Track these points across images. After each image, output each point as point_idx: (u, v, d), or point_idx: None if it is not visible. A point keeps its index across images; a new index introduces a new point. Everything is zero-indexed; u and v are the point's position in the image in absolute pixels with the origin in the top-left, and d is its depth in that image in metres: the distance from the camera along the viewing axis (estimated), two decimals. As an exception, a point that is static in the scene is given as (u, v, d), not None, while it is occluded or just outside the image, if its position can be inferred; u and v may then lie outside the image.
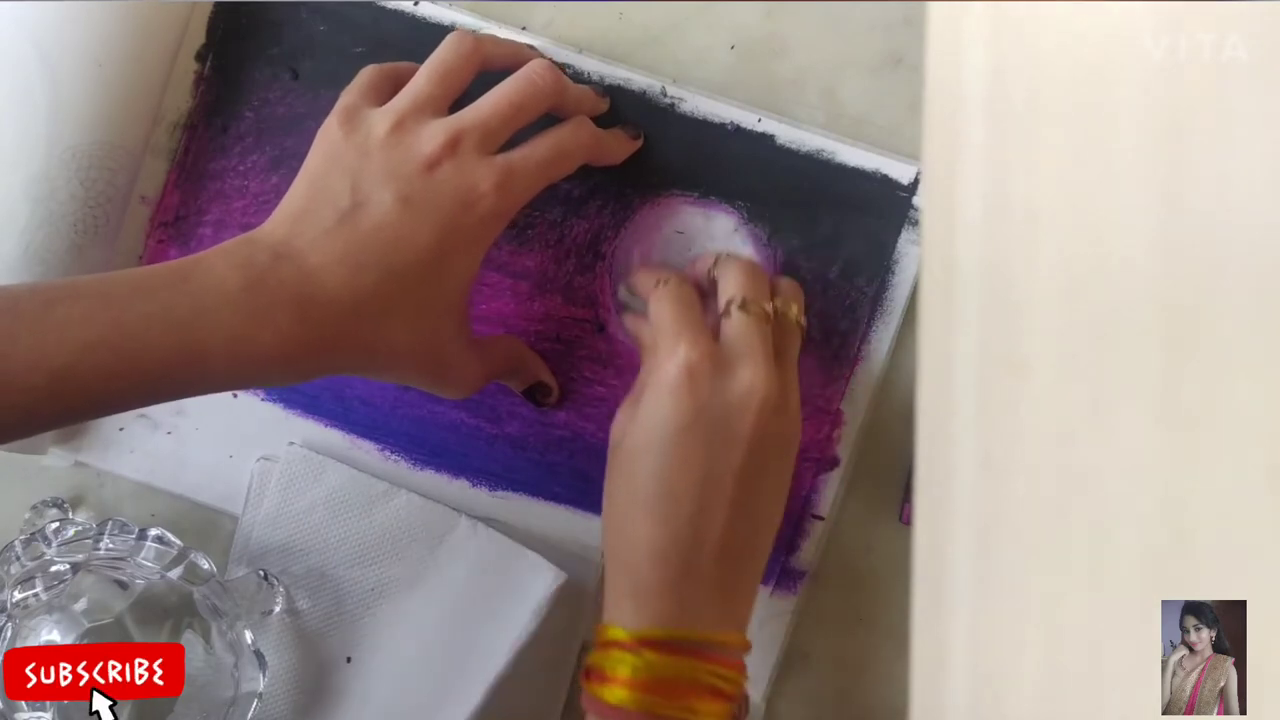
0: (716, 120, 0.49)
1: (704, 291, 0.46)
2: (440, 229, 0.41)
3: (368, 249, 0.40)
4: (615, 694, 0.40)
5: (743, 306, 0.44)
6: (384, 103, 0.43)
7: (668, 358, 0.42)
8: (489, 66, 0.44)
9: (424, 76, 0.43)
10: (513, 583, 0.49)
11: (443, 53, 0.44)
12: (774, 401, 0.42)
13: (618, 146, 0.48)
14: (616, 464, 0.43)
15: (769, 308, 0.44)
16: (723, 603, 0.42)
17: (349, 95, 0.43)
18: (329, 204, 0.41)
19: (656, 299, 0.44)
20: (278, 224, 0.41)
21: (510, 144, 0.43)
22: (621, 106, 0.49)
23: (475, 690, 0.47)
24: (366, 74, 0.44)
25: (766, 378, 0.42)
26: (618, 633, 0.41)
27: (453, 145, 0.41)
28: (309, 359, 0.40)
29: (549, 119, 0.45)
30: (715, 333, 0.44)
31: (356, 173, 0.41)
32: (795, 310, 0.46)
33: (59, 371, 0.36)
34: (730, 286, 0.44)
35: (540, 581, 0.48)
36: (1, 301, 0.37)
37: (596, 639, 0.42)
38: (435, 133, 0.41)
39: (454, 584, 0.49)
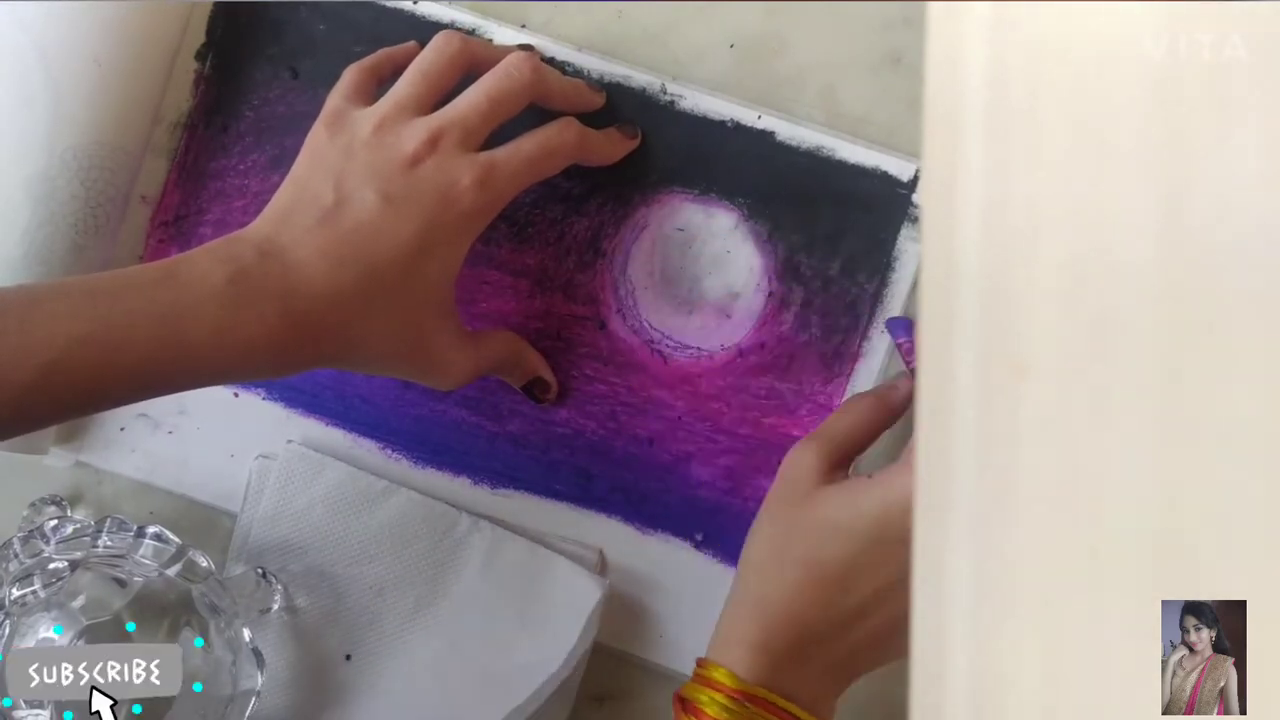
0: (716, 117, 0.49)
1: None
2: (421, 225, 0.41)
3: (349, 245, 0.41)
4: None
5: None
6: (370, 101, 0.44)
7: None
8: (477, 67, 0.45)
9: (407, 78, 0.44)
10: (548, 592, 0.48)
11: (427, 53, 0.44)
12: None
13: (609, 146, 0.47)
14: (803, 516, 0.42)
15: None
16: (825, 688, 0.42)
17: (335, 98, 0.44)
18: (313, 203, 0.41)
19: None
20: (263, 223, 0.42)
21: (505, 141, 0.44)
22: (621, 104, 0.49)
23: (513, 696, 0.47)
24: (350, 74, 0.45)
25: None
26: (724, 675, 0.41)
27: (433, 142, 0.42)
28: (293, 349, 0.41)
29: (546, 116, 0.45)
30: None
31: (340, 172, 0.42)
32: None
33: (47, 366, 0.37)
34: None
35: (584, 592, 0.48)
36: None
37: (698, 669, 0.42)
38: (416, 131, 0.42)
39: (458, 583, 0.49)
